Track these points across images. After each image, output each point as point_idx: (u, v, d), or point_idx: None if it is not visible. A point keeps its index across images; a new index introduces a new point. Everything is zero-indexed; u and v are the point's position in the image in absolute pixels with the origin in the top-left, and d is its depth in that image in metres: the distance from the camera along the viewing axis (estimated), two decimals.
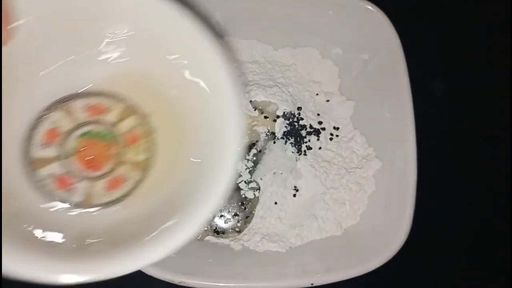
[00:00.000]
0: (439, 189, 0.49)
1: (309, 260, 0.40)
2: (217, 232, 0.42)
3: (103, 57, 0.28)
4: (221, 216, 0.43)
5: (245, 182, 0.44)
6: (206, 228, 0.42)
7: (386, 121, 0.43)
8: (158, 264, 0.36)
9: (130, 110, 0.29)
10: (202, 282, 0.36)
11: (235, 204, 0.43)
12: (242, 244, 0.41)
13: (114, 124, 0.29)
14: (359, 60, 0.46)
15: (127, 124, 0.29)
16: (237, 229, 0.42)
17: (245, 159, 0.44)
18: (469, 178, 0.50)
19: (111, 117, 0.29)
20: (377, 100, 0.44)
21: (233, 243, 0.41)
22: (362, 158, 0.44)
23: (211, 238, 0.42)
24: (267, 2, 0.45)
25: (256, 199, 0.43)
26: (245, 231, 0.42)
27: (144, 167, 0.29)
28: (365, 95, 0.46)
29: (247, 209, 0.43)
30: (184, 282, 0.36)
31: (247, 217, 0.43)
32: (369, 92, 0.45)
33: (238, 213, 0.43)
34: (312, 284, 0.37)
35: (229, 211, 0.43)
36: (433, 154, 0.49)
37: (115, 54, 0.28)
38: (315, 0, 0.44)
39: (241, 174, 0.44)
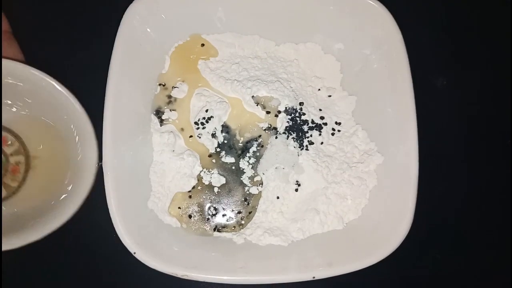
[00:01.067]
0: (441, 183, 0.49)
1: (311, 254, 0.40)
2: (219, 230, 0.43)
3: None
4: (223, 215, 0.43)
5: (248, 178, 0.44)
6: (207, 228, 0.42)
7: (388, 116, 0.43)
8: (161, 258, 0.37)
9: (21, 150, 0.43)
10: (205, 276, 0.37)
11: (239, 202, 0.44)
12: (245, 238, 0.42)
13: (8, 155, 0.43)
14: (361, 55, 0.46)
15: (15, 159, 0.43)
16: (240, 226, 0.43)
17: (247, 156, 0.44)
18: (470, 173, 0.50)
19: (8, 149, 0.43)
20: (379, 95, 0.44)
21: (236, 237, 0.42)
22: (363, 153, 0.44)
23: (213, 232, 0.42)
24: None
25: (259, 194, 0.44)
26: (248, 225, 0.43)
27: (14, 191, 0.43)
28: (367, 90, 0.46)
29: (250, 204, 0.43)
30: (187, 276, 0.36)
31: (250, 212, 0.43)
32: (371, 87, 0.45)
33: (241, 210, 0.43)
34: (313, 277, 0.37)
35: (232, 210, 0.43)
36: (435, 149, 0.49)
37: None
38: None
39: (245, 170, 0.44)
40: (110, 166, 0.38)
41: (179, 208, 0.42)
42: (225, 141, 0.45)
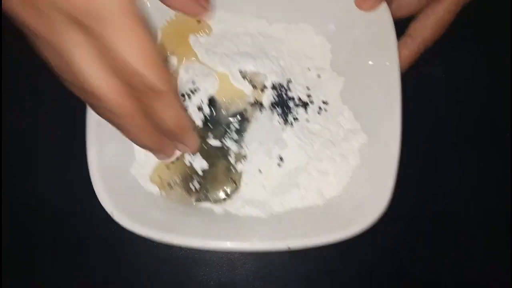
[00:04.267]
0: (439, 177, 0.49)
1: (288, 226, 0.40)
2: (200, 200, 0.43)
3: None
4: (206, 190, 0.43)
5: (233, 153, 0.44)
6: (188, 198, 0.43)
7: (374, 96, 0.43)
8: (139, 221, 0.37)
9: None
10: (181, 240, 0.37)
11: (223, 179, 0.44)
12: (225, 209, 0.42)
13: None
14: (351, 36, 0.46)
15: None
16: (223, 200, 0.43)
17: (232, 131, 0.44)
18: (470, 166, 0.50)
19: None
20: (367, 76, 0.45)
21: (216, 207, 0.42)
22: (348, 131, 0.44)
23: (195, 202, 0.43)
24: None
25: (242, 168, 0.44)
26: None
27: None
28: (356, 71, 0.46)
29: (233, 180, 0.43)
30: (164, 240, 0.37)
31: (233, 187, 0.43)
32: (360, 67, 0.45)
33: (225, 188, 0.43)
34: (289, 247, 0.37)
35: (216, 188, 0.43)
36: (432, 140, 0.50)
37: None
38: None
39: (229, 145, 0.44)
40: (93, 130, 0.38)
41: (159, 177, 0.43)
42: (211, 115, 0.45)
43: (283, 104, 0.45)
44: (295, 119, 0.44)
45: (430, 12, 0.43)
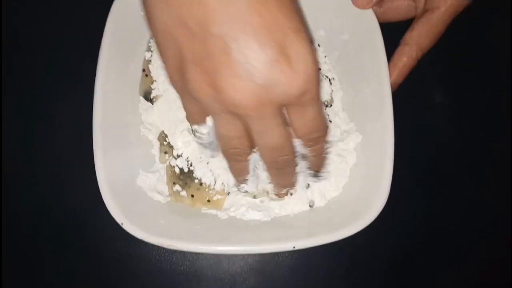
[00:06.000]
0: (440, 194, 0.51)
1: (292, 227, 0.42)
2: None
3: None
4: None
5: None
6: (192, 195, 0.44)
7: (366, 96, 0.45)
8: (148, 229, 0.38)
9: None
10: (189, 245, 0.38)
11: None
12: (229, 215, 0.43)
13: None
14: (340, 41, 0.48)
15: None
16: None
17: None
18: (470, 180, 0.51)
19: None
20: (357, 77, 0.46)
21: (220, 213, 0.43)
22: (343, 132, 0.46)
23: (199, 209, 0.44)
24: None
25: None
26: (231, 203, 0.44)
27: None
28: (347, 73, 0.48)
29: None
30: (172, 246, 0.38)
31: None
32: (351, 70, 0.48)
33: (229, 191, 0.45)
34: (294, 247, 0.39)
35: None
36: (435, 161, 0.51)
37: None
38: None
39: None
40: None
41: (174, 183, 0.44)
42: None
43: None
44: None
45: (425, 21, 0.44)
